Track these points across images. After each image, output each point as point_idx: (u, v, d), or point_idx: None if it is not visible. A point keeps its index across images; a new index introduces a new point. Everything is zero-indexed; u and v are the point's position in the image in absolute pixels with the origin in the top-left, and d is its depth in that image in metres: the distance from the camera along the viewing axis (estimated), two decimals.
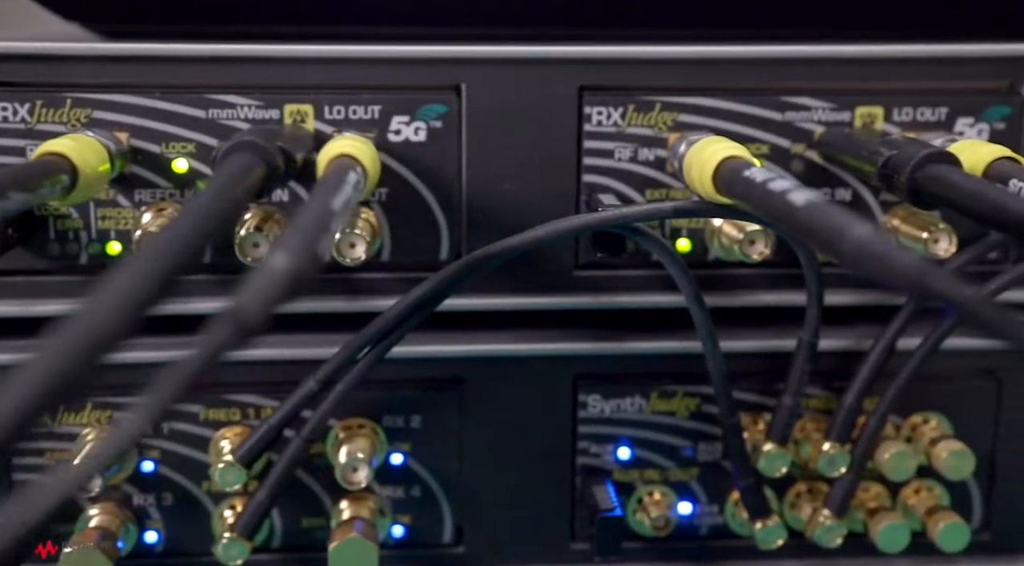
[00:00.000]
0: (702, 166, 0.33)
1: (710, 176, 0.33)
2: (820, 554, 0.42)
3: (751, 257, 0.38)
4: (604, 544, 0.38)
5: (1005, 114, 0.40)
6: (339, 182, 0.28)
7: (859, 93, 0.39)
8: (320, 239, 0.24)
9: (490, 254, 0.36)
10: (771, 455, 0.39)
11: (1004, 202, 0.28)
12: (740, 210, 0.33)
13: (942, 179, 0.31)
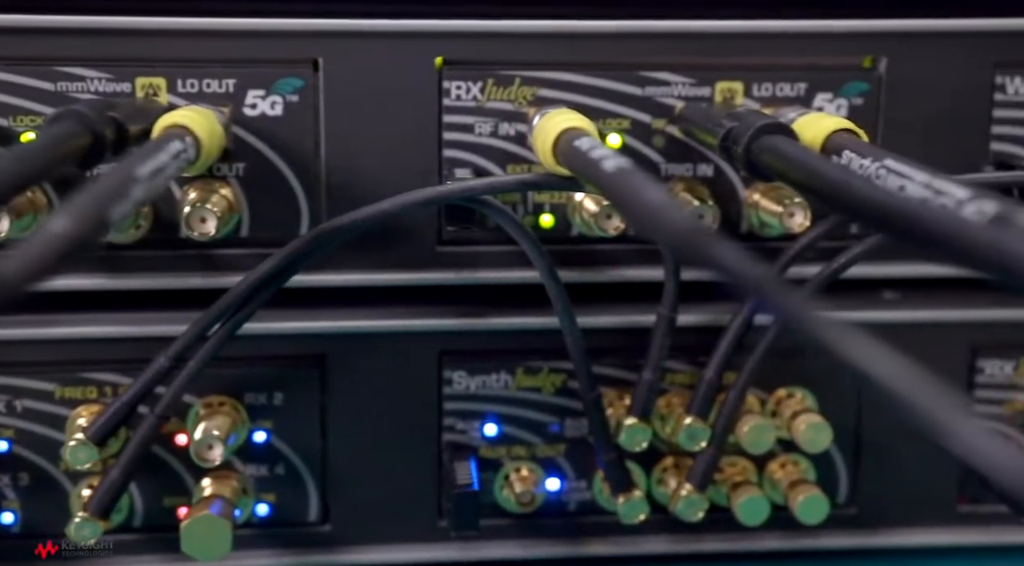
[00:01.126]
0: (544, 138, 0.33)
1: (551, 148, 0.33)
2: (688, 530, 0.42)
3: (608, 231, 0.38)
4: (460, 519, 0.38)
5: (863, 90, 0.40)
6: (153, 150, 0.28)
7: (719, 68, 0.39)
8: (111, 205, 0.23)
9: (336, 227, 0.36)
10: (632, 429, 0.39)
11: (824, 172, 0.28)
12: (578, 182, 0.33)
13: (774, 150, 0.31)
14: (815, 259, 0.40)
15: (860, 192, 0.26)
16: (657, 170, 0.40)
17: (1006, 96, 0.40)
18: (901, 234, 0.25)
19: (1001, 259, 0.22)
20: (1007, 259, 0.21)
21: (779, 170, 0.30)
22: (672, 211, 0.22)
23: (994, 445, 0.18)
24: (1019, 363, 0.42)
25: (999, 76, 0.40)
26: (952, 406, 0.18)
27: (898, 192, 0.26)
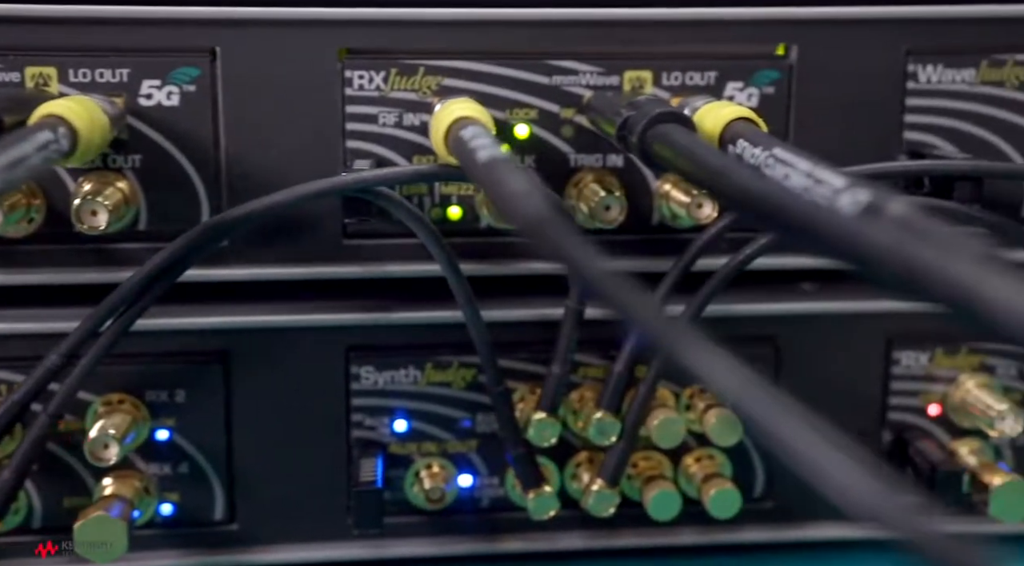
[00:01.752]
0: (437, 128, 0.33)
1: (443, 138, 0.32)
2: (604, 525, 0.42)
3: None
4: (362, 518, 0.37)
5: (774, 78, 0.39)
6: (15, 140, 0.27)
7: (627, 57, 0.39)
8: None
9: (229, 219, 0.35)
10: (540, 424, 0.39)
11: (704, 160, 0.27)
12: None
13: (664, 138, 0.30)
14: (730, 251, 0.39)
15: (736, 181, 0.25)
16: (566, 161, 0.39)
17: (918, 84, 0.40)
18: (773, 224, 0.25)
19: (857, 250, 0.21)
20: (863, 250, 0.21)
21: (667, 158, 0.30)
22: (528, 200, 0.21)
23: (826, 456, 0.17)
24: (934, 354, 0.42)
25: (911, 64, 0.40)
26: (789, 418, 0.17)
27: (771, 181, 0.25)
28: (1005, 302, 0.18)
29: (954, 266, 0.19)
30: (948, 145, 0.40)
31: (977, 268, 0.19)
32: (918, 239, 0.22)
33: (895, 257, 0.20)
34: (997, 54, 0.40)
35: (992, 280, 0.19)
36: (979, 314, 0.19)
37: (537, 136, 0.39)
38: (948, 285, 0.19)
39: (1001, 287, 0.19)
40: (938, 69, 0.40)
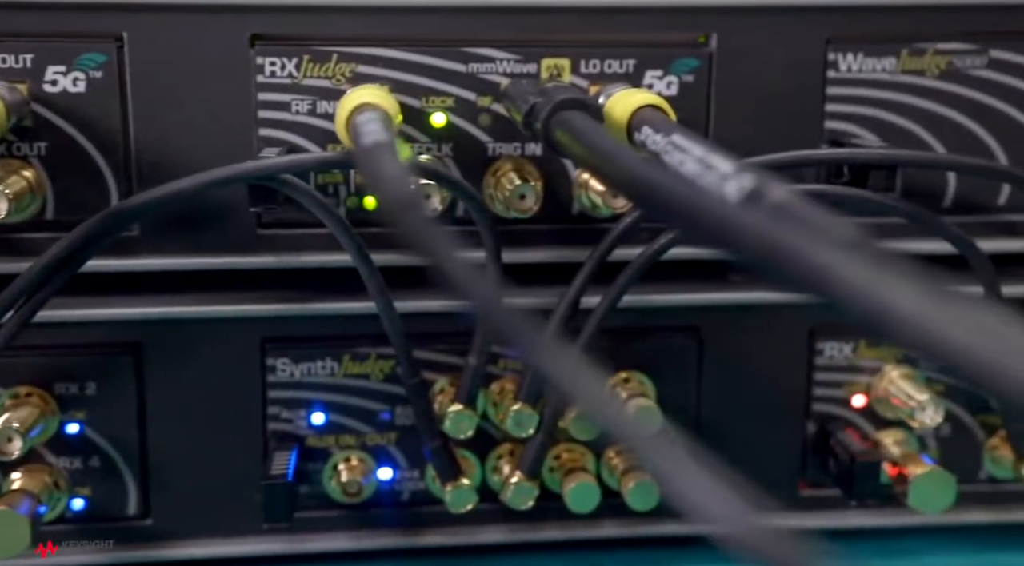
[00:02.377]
0: (340, 115, 0.32)
1: (344, 125, 0.31)
2: (526, 518, 0.41)
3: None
4: (271, 511, 0.36)
5: (693, 67, 0.39)
6: None
7: (544, 44, 0.38)
8: None
9: (128, 208, 0.34)
10: (456, 416, 0.38)
11: (597, 147, 0.27)
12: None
13: (565, 124, 0.30)
14: (649, 240, 0.39)
15: (621, 168, 0.25)
16: (484, 150, 0.39)
17: (839, 73, 0.40)
18: (656, 211, 0.24)
19: (731, 238, 0.21)
20: (736, 238, 0.20)
21: (566, 145, 0.29)
22: (394, 185, 0.21)
23: (688, 474, 0.17)
24: (858, 345, 0.42)
25: (832, 53, 0.39)
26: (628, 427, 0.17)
27: (654, 168, 0.25)
28: (861, 292, 0.18)
29: (816, 254, 0.19)
30: (869, 134, 0.40)
31: (838, 256, 0.19)
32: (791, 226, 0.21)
33: (763, 244, 0.20)
34: (918, 43, 0.39)
35: (850, 269, 0.18)
36: (839, 304, 0.19)
37: (454, 124, 0.38)
38: (809, 273, 0.19)
39: (859, 277, 0.18)
40: (858, 58, 0.39)
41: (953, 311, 0.17)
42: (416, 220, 0.20)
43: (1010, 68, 0.40)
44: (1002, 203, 0.41)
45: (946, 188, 0.41)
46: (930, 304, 0.17)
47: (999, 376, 0.16)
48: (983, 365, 0.16)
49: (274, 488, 0.36)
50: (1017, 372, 0.16)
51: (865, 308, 0.18)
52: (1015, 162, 0.40)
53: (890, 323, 0.17)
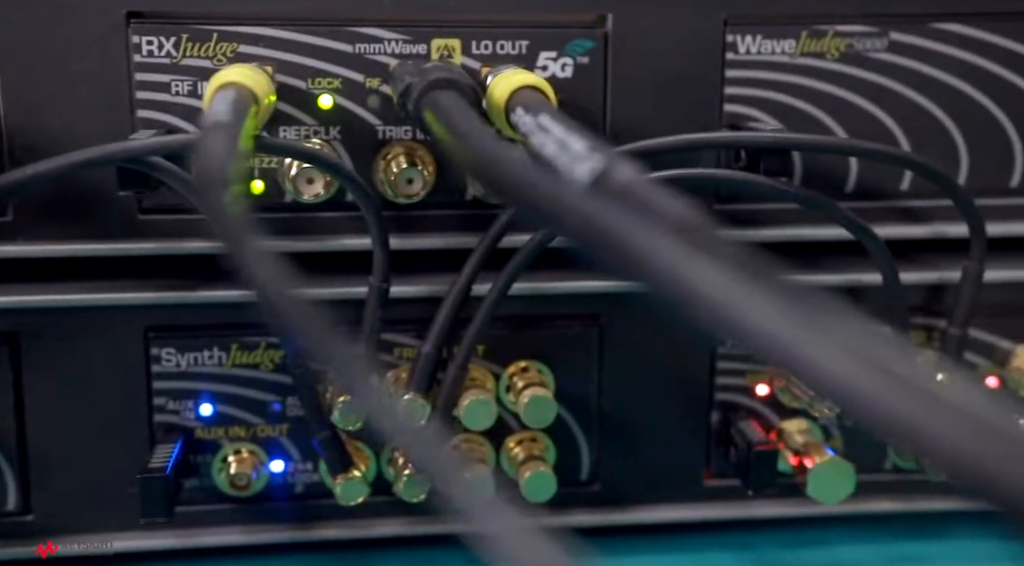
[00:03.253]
0: (206, 95, 0.31)
1: (207, 105, 0.30)
2: (424, 511, 0.40)
3: (303, 197, 0.36)
4: (147, 506, 0.35)
5: (588, 48, 0.38)
6: None
7: (435, 25, 0.37)
8: None
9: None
10: (344, 407, 0.37)
11: (455, 128, 0.26)
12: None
13: (432, 104, 0.29)
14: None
15: (472, 149, 0.24)
16: (374, 132, 0.38)
17: (737, 55, 0.39)
18: (499, 193, 0.23)
19: (567, 223, 0.20)
20: (562, 220, 0.20)
21: (431, 125, 0.28)
22: (210, 159, 0.20)
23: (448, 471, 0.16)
24: None
25: (730, 34, 0.39)
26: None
27: (503, 150, 0.24)
28: (673, 277, 0.17)
29: (634, 239, 0.18)
30: (769, 118, 0.39)
31: (656, 241, 0.18)
32: (621, 210, 0.21)
33: (587, 228, 0.19)
34: (817, 24, 0.39)
35: (665, 254, 0.18)
36: (654, 289, 0.18)
37: (342, 107, 0.37)
38: (625, 257, 0.18)
39: (672, 261, 0.17)
40: (757, 40, 0.39)
41: (759, 297, 0.16)
42: (217, 203, 0.19)
43: (910, 51, 0.39)
44: (904, 188, 0.41)
45: (848, 173, 0.40)
46: (737, 288, 0.16)
47: (795, 356, 0.15)
48: (781, 346, 0.16)
49: (150, 482, 0.35)
50: (808, 352, 0.15)
51: (675, 292, 0.17)
52: (916, 145, 0.40)
53: (696, 308, 0.17)
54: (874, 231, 0.37)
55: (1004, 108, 0.40)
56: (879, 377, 0.15)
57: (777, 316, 0.16)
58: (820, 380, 0.15)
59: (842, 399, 0.15)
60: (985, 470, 0.13)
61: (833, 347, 0.15)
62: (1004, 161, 0.41)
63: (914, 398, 0.14)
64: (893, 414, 0.14)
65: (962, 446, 0.13)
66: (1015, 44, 0.39)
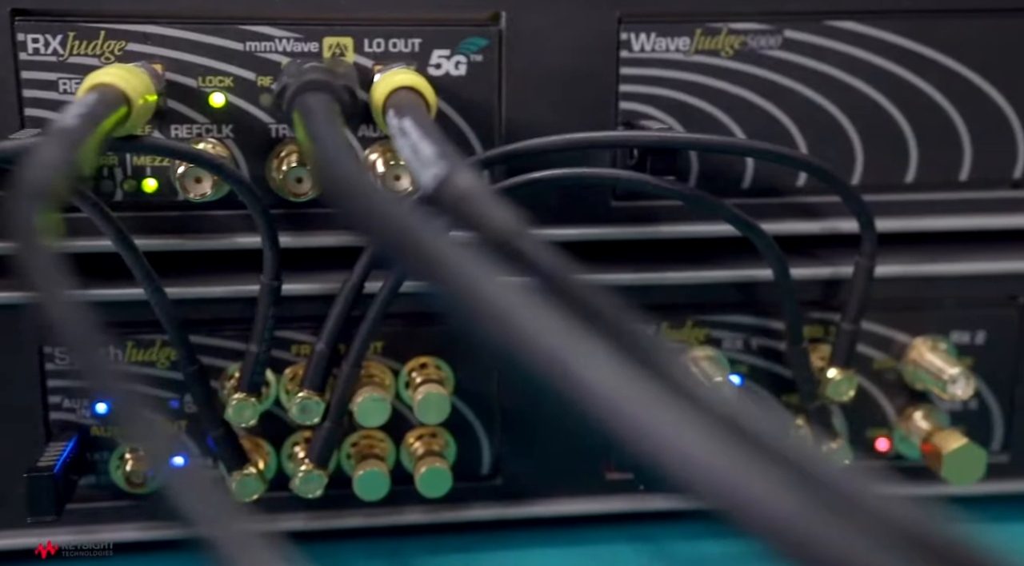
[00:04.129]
0: (76, 97, 0.31)
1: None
2: (327, 506, 0.41)
3: (190, 196, 0.36)
4: (33, 505, 0.35)
5: (482, 46, 0.38)
6: None
7: (326, 22, 0.37)
8: None
9: None
10: (238, 405, 0.37)
11: (310, 132, 0.26)
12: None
13: (300, 108, 0.29)
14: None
15: (318, 155, 0.24)
16: (267, 131, 0.38)
17: (632, 53, 0.39)
18: (329, 200, 0.23)
19: (364, 227, 0.20)
20: (369, 228, 0.20)
21: (296, 128, 0.28)
22: (44, 153, 0.20)
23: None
24: (660, 328, 0.41)
25: (624, 32, 0.39)
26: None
27: (340, 158, 0.24)
28: (459, 285, 0.18)
29: (441, 253, 0.18)
30: (665, 116, 0.39)
31: (450, 250, 0.18)
32: (462, 218, 0.21)
33: (388, 237, 0.19)
34: (711, 22, 0.39)
35: (456, 264, 0.18)
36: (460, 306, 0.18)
37: (234, 105, 0.37)
38: (416, 265, 0.18)
39: (463, 271, 0.18)
40: (652, 37, 0.39)
41: (537, 311, 0.17)
42: (19, 207, 0.19)
43: (804, 48, 0.39)
44: (801, 185, 0.41)
45: (745, 170, 0.41)
46: (517, 301, 0.17)
47: (562, 372, 0.16)
48: (547, 360, 0.16)
49: (36, 481, 0.35)
50: (575, 367, 0.16)
51: (464, 304, 0.17)
52: (812, 142, 0.40)
53: (477, 317, 0.17)
54: (761, 227, 0.38)
55: (898, 105, 0.40)
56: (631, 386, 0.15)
57: (549, 329, 0.16)
58: (582, 395, 0.15)
59: (599, 410, 0.15)
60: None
61: (598, 362, 0.15)
62: (899, 157, 0.41)
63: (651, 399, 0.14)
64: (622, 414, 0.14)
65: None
66: (908, 41, 0.40)
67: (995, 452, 0.44)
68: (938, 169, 0.41)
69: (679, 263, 0.41)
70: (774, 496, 0.14)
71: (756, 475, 0.14)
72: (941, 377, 0.40)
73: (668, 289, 0.41)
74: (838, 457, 0.41)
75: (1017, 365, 0.43)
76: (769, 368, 0.42)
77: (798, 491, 0.14)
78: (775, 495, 0.14)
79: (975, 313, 0.42)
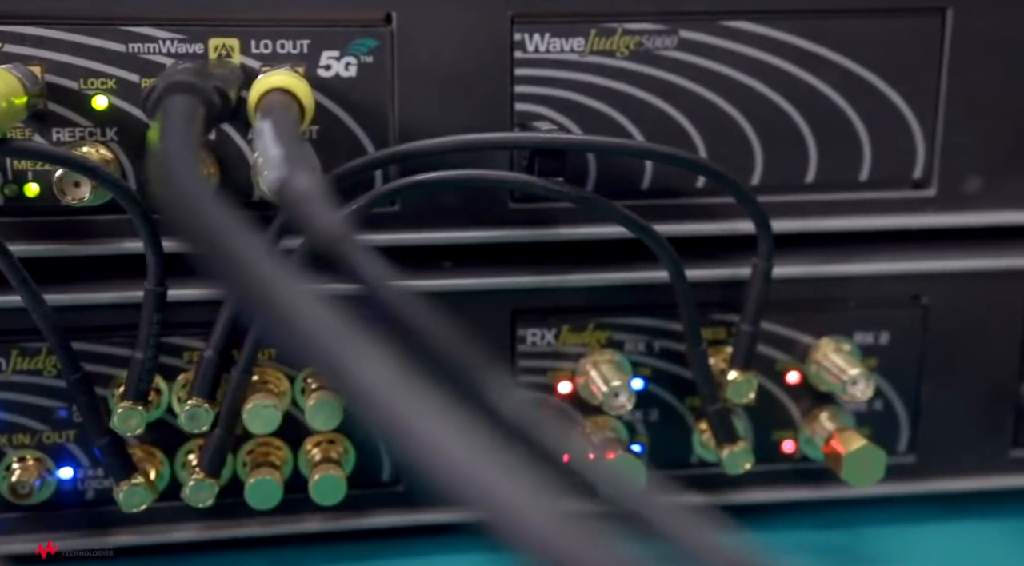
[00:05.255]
0: None
1: None
2: (222, 515, 0.40)
3: (68, 201, 0.35)
4: None
5: (372, 47, 0.38)
6: None
7: (211, 23, 0.37)
8: None
9: None
10: (124, 413, 0.37)
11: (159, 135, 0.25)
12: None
13: (161, 109, 0.28)
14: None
15: (156, 161, 0.23)
16: None
17: (526, 54, 0.39)
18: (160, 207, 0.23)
19: (177, 232, 0.19)
20: (181, 232, 0.19)
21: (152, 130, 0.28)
22: None
23: None
24: (560, 331, 0.41)
25: (517, 32, 0.38)
26: None
27: (174, 164, 0.23)
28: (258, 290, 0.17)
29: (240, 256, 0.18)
30: (561, 117, 0.39)
31: (250, 254, 0.18)
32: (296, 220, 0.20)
33: (197, 243, 0.18)
34: (606, 23, 0.39)
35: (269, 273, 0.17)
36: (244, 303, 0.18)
37: (118, 108, 0.37)
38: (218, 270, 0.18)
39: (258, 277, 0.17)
40: (545, 38, 0.39)
41: (320, 311, 0.16)
42: None
43: (700, 48, 0.39)
44: (700, 186, 0.41)
45: (643, 171, 0.40)
46: (302, 303, 0.16)
47: (334, 369, 0.15)
48: (323, 356, 0.16)
49: None
50: (346, 364, 0.15)
51: (255, 303, 0.17)
52: (710, 143, 0.40)
53: (265, 319, 0.16)
54: (654, 229, 0.37)
55: (797, 105, 0.40)
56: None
57: (328, 330, 0.16)
58: (354, 396, 0.15)
59: (370, 412, 0.15)
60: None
61: (372, 365, 0.15)
62: (799, 158, 0.41)
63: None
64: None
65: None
66: (805, 42, 0.40)
67: (901, 453, 0.44)
68: (838, 169, 0.41)
69: (580, 265, 0.41)
70: (536, 511, 0.13)
71: (520, 488, 0.14)
72: (842, 378, 0.40)
73: (569, 291, 0.41)
74: (738, 461, 0.40)
75: (921, 365, 0.43)
76: (673, 370, 0.42)
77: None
78: (537, 510, 0.13)
79: (878, 314, 0.42)
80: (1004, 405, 0.44)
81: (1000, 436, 0.44)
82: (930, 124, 0.41)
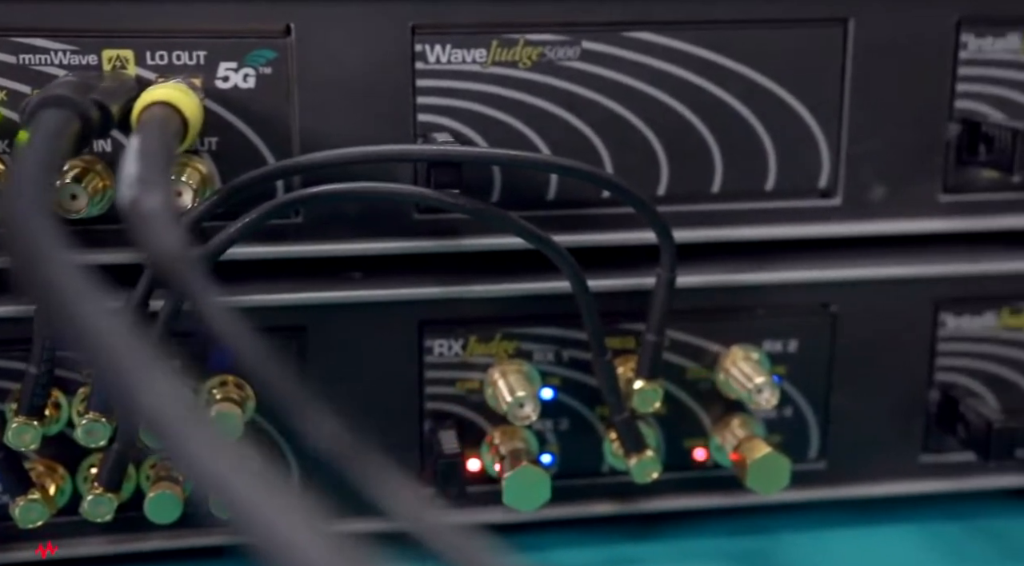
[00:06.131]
0: None
1: None
2: (135, 528, 0.40)
3: None
4: None
5: (271, 58, 0.37)
6: None
7: (105, 34, 0.36)
8: None
9: None
10: (18, 428, 0.36)
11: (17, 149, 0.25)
12: None
13: (33, 123, 0.28)
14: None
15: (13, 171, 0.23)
16: None
17: (427, 65, 0.38)
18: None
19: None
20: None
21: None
22: None
23: None
24: (468, 342, 0.41)
25: (418, 43, 0.38)
26: None
27: (17, 177, 0.23)
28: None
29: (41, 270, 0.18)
30: (464, 128, 0.39)
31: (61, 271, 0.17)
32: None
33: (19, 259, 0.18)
34: (507, 33, 0.39)
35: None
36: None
37: (10, 120, 0.36)
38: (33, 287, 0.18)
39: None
40: (447, 49, 0.38)
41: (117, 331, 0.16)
42: None
43: (603, 59, 0.39)
44: (607, 196, 0.41)
45: (548, 182, 0.40)
46: (103, 325, 0.16)
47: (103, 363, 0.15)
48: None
49: None
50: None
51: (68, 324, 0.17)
52: (615, 153, 0.40)
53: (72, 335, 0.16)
54: (553, 240, 0.37)
55: (701, 116, 0.40)
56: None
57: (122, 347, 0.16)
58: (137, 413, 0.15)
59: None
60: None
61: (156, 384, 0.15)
62: (704, 168, 0.41)
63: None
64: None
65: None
66: (708, 52, 0.40)
67: (812, 459, 0.44)
68: (744, 179, 0.41)
69: (487, 276, 0.41)
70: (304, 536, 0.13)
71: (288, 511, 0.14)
72: (747, 386, 0.40)
73: (476, 302, 0.41)
74: (646, 470, 0.40)
75: (831, 372, 0.43)
76: (583, 380, 0.42)
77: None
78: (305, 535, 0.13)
79: (787, 322, 0.43)
80: (914, 411, 0.44)
81: (910, 442, 0.45)
82: (834, 133, 0.41)
